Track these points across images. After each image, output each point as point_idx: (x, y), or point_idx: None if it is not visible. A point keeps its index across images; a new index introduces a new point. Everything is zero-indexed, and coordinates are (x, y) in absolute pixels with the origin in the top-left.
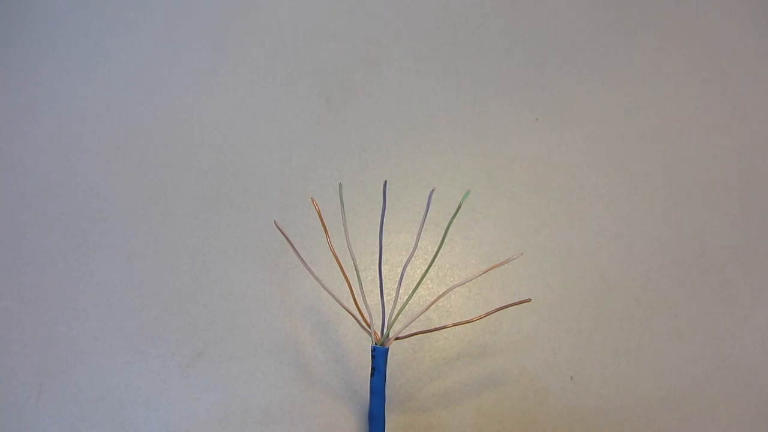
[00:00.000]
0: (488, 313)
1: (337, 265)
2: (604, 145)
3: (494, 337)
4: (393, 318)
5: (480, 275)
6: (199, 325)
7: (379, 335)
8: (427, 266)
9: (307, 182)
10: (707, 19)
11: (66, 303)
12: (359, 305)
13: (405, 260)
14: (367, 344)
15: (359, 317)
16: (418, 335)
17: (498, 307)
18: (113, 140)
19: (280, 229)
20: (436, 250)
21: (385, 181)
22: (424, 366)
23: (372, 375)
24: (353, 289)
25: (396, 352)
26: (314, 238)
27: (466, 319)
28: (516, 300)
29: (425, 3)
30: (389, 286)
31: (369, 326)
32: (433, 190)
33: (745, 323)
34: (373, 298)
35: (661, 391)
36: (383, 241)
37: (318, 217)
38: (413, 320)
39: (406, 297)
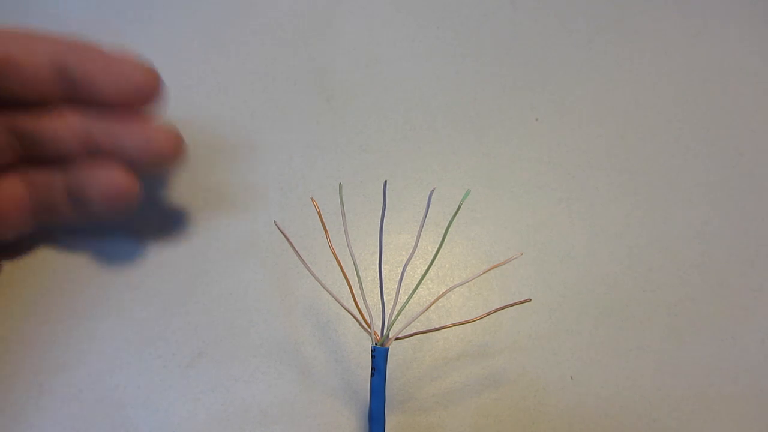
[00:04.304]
0: (488, 313)
1: (337, 265)
2: (604, 145)
3: (494, 337)
4: (393, 318)
5: (480, 275)
6: (199, 325)
7: (379, 335)
8: (427, 266)
9: (307, 182)
10: (707, 19)
11: (65, 302)
12: (359, 305)
13: (405, 260)
14: (367, 344)
15: (359, 317)
16: (418, 335)
17: (498, 307)
18: None
19: (280, 229)
20: (436, 250)
21: (385, 181)
22: (424, 366)
23: (372, 375)
24: (353, 289)
25: (396, 352)
26: (314, 238)
27: (466, 319)
28: (516, 300)
29: (425, 3)
30: (389, 286)
31: (369, 326)
32: (433, 190)
33: (745, 323)
34: (373, 298)
35: (661, 391)
36: (383, 241)
37: (318, 217)
38: (413, 320)
39: (406, 297)
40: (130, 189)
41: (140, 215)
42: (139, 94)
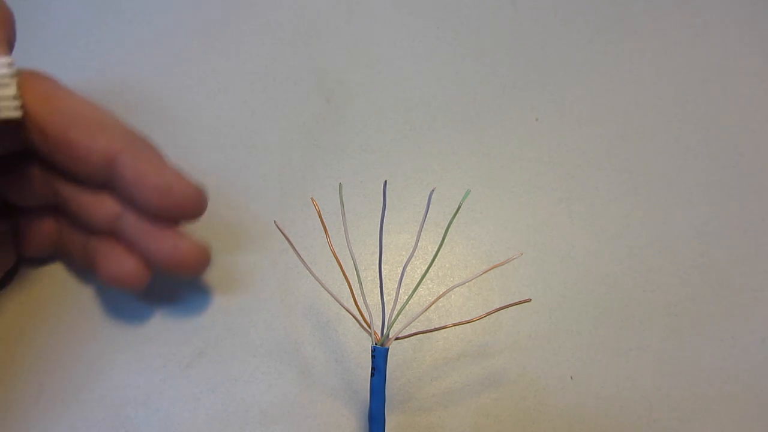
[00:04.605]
0: (488, 313)
1: (337, 265)
2: (604, 145)
3: (494, 337)
4: (393, 318)
5: (480, 275)
6: (199, 325)
7: (379, 335)
8: (427, 266)
9: (307, 182)
10: (707, 19)
11: (66, 302)
12: (359, 305)
13: (405, 260)
14: (367, 344)
15: (359, 317)
16: (418, 335)
17: (498, 307)
18: None
19: (280, 229)
20: (436, 250)
21: (385, 181)
22: (424, 366)
23: (372, 375)
24: (353, 289)
25: (396, 352)
26: (314, 238)
27: (466, 319)
28: (516, 300)
29: (425, 3)
30: (389, 286)
31: (369, 326)
32: (433, 190)
33: (745, 323)
34: (373, 298)
35: (661, 391)
36: (383, 241)
37: (318, 217)
38: (413, 320)
39: (406, 297)
40: (139, 280)
41: None
42: (180, 212)
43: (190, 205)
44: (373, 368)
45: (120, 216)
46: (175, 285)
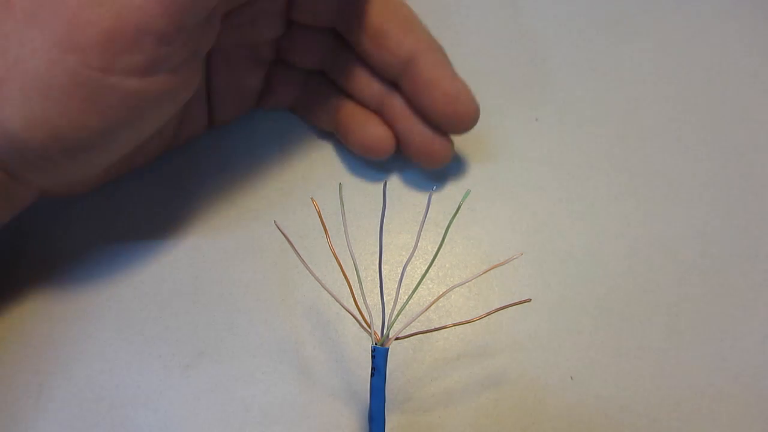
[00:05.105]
0: (488, 313)
1: (337, 265)
2: (604, 145)
3: (494, 337)
4: (393, 318)
5: (480, 275)
6: (199, 325)
7: (379, 335)
8: (427, 266)
9: (307, 182)
10: (707, 19)
11: (66, 302)
12: (359, 305)
13: (405, 260)
14: (367, 344)
15: (359, 317)
16: (418, 335)
17: (498, 307)
18: None
19: (280, 229)
20: (436, 250)
21: (385, 182)
22: (424, 366)
23: (372, 375)
24: (353, 289)
25: (396, 352)
26: (314, 238)
27: (466, 319)
28: (516, 300)
29: (425, 2)
30: (389, 286)
31: (369, 326)
32: (433, 190)
33: (745, 323)
34: (373, 298)
35: (661, 391)
36: (383, 241)
37: (318, 217)
38: (413, 320)
39: (406, 297)
40: (386, 152)
41: (136, 213)
42: (457, 122)
43: (467, 118)
44: (373, 368)
45: (387, 99)
46: (174, 284)
